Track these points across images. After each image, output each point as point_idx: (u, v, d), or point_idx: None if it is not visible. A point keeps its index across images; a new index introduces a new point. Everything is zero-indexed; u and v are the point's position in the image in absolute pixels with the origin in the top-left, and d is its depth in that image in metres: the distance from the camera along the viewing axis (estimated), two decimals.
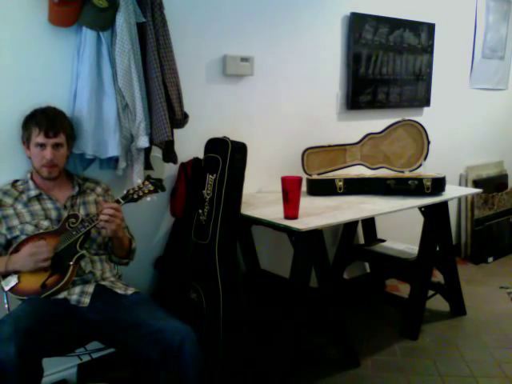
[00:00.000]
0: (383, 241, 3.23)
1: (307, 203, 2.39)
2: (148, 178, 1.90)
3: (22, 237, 1.79)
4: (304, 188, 2.51)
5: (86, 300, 1.76)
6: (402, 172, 2.82)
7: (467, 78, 3.88)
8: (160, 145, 2.14)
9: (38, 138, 1.79)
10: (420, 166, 2.83)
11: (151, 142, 2.12)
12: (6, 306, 1.86)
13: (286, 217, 2.15)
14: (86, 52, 1.96)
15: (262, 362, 2.35)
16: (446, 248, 2.92)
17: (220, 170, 2.22)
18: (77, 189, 1.94)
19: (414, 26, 3.32)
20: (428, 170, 2.81)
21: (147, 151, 2.16)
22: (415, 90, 3.43)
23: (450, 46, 3.65)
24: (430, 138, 2.82)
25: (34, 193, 1.86)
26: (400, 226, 3.29)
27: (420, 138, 2.82)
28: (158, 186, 1.88)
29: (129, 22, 2.00)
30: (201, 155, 2.37)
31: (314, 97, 2.94)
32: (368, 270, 3.44)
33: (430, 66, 3.47)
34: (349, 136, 2.93)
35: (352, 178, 2.71)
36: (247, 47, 2.59)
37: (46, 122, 1.79)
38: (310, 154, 2.77)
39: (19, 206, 1.84)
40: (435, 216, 2.75)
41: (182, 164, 2.40)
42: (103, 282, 1.86)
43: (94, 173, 2.13)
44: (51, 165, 1.82)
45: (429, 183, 2.58)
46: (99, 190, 2.02)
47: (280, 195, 2.17)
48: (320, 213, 2.26)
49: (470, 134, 3.99)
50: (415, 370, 2.41)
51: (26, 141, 1.83)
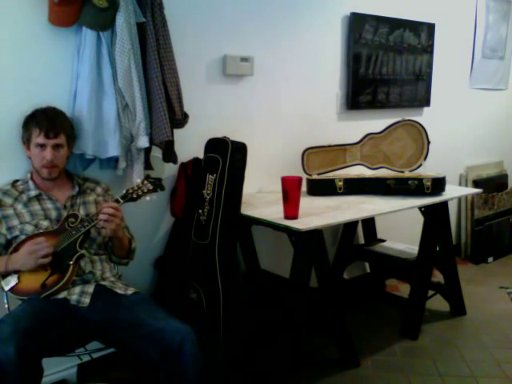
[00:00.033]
0: (383, 241, 3.23)
1: (307, 203, 2.39)
2: (147, 177, 1.90)
3: (22, 237, 1.79)
4: (304, 188, 2.51)
5: (86, 300, 1.76)
6: (402, 172, 2.82)
7: (467, 78, 3.88)
8: (160, 145, 2.15)
9: (38, 138, 1.79)
10: (420, 166, 2.83)
11: (151, 141, 2.12)
12: (6, 305, 1.86)
13: (286, 217, 2.15)
14: (85, 52, 1.96)
15: (261, 361, 2.35)
16: (446, 248, 2.92)
17: (220, 170, 2.22)
18: (77, 189, 1.94)
19: (414, 26, 3.32)
20: (428, 170, 2.80)
21: (147, 151, 2.16)
22: (415, 89, 3.42)
23: (450, 46, 3.65)
24: (430, 138, 2.82)
25: (33, 193, 1.86)
26: (400, 226, 3.29)
27: (420, 138, 2.82)
28: (157, 185, 1.88)
29: (129, 22, 2.00)
30: (201, 155, 2.37)
31: (313, 97, 2.94)
32: (368, 270, 3.44)
33: (430, 66, 3.47)
34: (349, 136, 2.93)
35: (352, 178, 2.71)
36: (247, 47, 2.59)
37: (47, 123, 1.79)
38: (309, 154, 2.77)
39: (19, 206, 1.83)
40: (435, 216, 2.75)
41: (182, 164, 2.40)
42: (103, 282, 1.86)
43: (94, 173, 2.13)
44: (51, 165, 1.82)
45: (429, 183, 2.58)
46: (99, 189, 2.02)
47: (280, 195, 2.17)
48: (320, 213, 2.26)
49: (469, 134, 3.99)
50: (415, 370, 2.41)
51: (27, 141, 1.83)
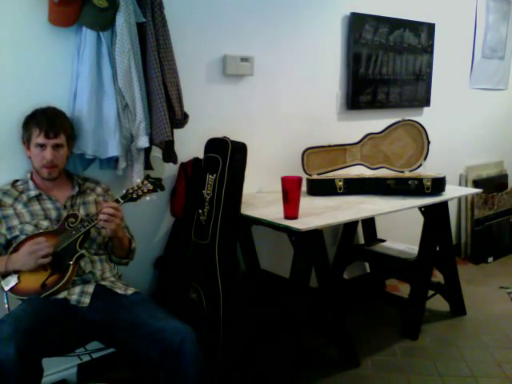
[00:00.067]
0: (383, 241, 3.23)
1: (307, 203, 2.39)
2: (147, 177, 1.90)
3: (22, 237, 1.79)
4: (304, 188, 2.51)
5: (86, 300, 1.76)
6: (402, 172, 2.82)
7: (467, 78, 3.88)
8: (160, 145, 2.14)
9: (38, 138, 1.79)
10: (420, 165, 2.83)
11: (151, 141, 2.12)
12: (6, 306, 1.86)
13: (286, 217, 2.15)
14: (85, 52, 1.96)
15: (262, 361, 2.35)
16: (446, 248, 2.92)
17: (220, 170, 2.22)
18: (77, 189, 1.94)
19: (414, 26, 3.32)
20: (428, 170, 2.80)
21: (147, 151, 2.16)
22: (415, 89, 3.42)
23: (450, 46, 3.65)
24: (430, 138, 2.82)
25: (33, 193, 1.86)
26: (400, 226, 3.29)
27: (420, 138, 2.82)
28: (157, 185, 1.88)
29: (129, 22, 2.00)
30: (201, 155, 2.37)
31: (314, 97, 2.94)
32: (368, 270, 3.44)
33: (430, 66, 3.47)
34: (349, 136, 2.93)
35: (352, 178, 2.71)
36: (247, 47, 2.59)
37: (47, 123, 1.79)
38: (310, 154, 2.77)
39: (19, 206, 1.83)
40: (435, 216, 2.75)
41: (182, 164, 2.40)
42: (103, 282, 1.86)
43: (94, 173, 2.13)
44: (51, 165, 1.82)
45: (429, 183, 2.58)
46: (99, 189, 2.02)
47: (280, 195, 2.17)
48: (320, 213, 2.26)
49: (469, 134, 3.99)
50: (415, 370, 2.41)
51: (27, 141, 1.83)
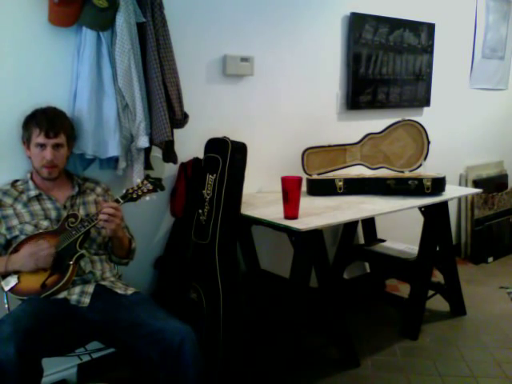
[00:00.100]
0: (383, 241, 3.22)
1: (307, 203, 2.39)
2: (147, 177, 1.90)
3: (22, 237, 1.79)
4: (304, 188, 2.51)
5: (86, 300, 1.76)
6: (402, 172, 2.82)
7: (467, 78, 3.88)
8: (160, 145, 2.14)
9: (38, 138, 1.79)
10: (420, 166, 2.83)
11: (151, 141, 2.12)
12: (6, 306, 1.86)
13: (286, 217, 2.15)
14: (85, 52, 1.96)
15: (262, 361, 2.35)
16: (446, 248, 2.92)
17: (220, 169, 2.22)
18: (76, 189, 1.94)
19: (414, 26, 3.32)
20: (428, 169, 2.80)
21: (147, 151, 2.16)
22: (415, 89, 3.42)
23: (450, 46, 3.65)
24: (430, 138, 2.82)
25: (33, 193, 1.86)
26: (400, 226, 3.29)
27: (420, 138, 2.82)
28: (157, 185, 1.88)
29: (129, 22, 2.00)
30: (201, 155, 2.37)
31: (313, 97, 2.94)
32: (368, 270, 3.43)
33: (430, 66, 3.47)
34: (349, 136, 2.93)
35: (352, 178, 2.71)
36: (247, 47, 2.59)
37: (47, 123, 1.79)
38: (310, 154, 2.77)
39: (19, 206, 1.83)
40: (435, 216, 2.75)
41: (182, 164, 2.40)
42: (103, 282, 1.86)
43: (94, 173, 2.13)
44: (51, 165, 1.82)
45: (429, 183, 2.58)
46: (99, 189, 2.02)
47: (280, 195, 2.17)
48: (320, 213, 2.26)
49: (469, 134, 3.99)
50: (415, 370, 2.41)
51: (27, 141, 1.83)
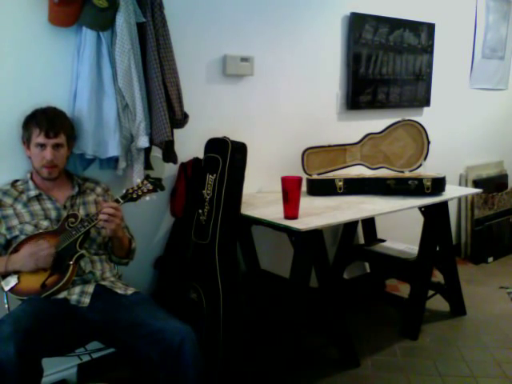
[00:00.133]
0: (383, 241, 3.22)
1: (307, 203, 2.39)
2: (147, 177, 1.90)
3: (22, 237, 1.79)
4: (304, 188, 2.51)
5: (86, 300, 1.76)
6: (402, 172, 2.82)
7: (467, 78, 3.88)
8: (160, 145, 2.14)
9: (38, 138, 1.79)
10: (420, 166, 2.83)
11: (151, 141, 2.12)
12: (6, 306, 1.86)
13: (286, 217, 2.15)
14: (85, 52, 1.96)
15: (262, 361, 2.35)
16: (446, 248, 2.92)
17: (220, 170, 2.22)
18: (76, 189, 1.94)
19: (414, 26, 3.32)
20: (428, 169, 2.80)
21: (147, 151, 2.16)
22: (415, 89, 3.42)
23: (450, 46, 3.65)
24: (430, 138, 2.82)
25: (33, 193, 1.86)
26: (400, 225, 3.29)
27: (420, 138, 2.82)
28: (157, 185, 1.88)
29: (129, 22, 2.00)
30: (201, 155, 2.37)
31: (313, 97, 2.94)
32: (368, 270, 3.43)
33: (430, 66, 3.47)
34: (349, 136, 2.93)
35: (352, 178, 2.71)
36: (247, 47, 2.59)
37: (47, 123, 1.79)
38: (310, 154, 2.77)
39: (19, 206, 1.83)
40: (435, 216, 2.75)
41: (182, 164, 2.40)
42: (103, 282, 1.86)
43: (93, 173, 2.13)
44: (51, 165, 1.82)
45: (429, 183, 2.58)
46: (99, 189, 2.02)
47: (280, 195, 2.17)
48: (320, 213, 2.26)
49: (469, 134, 3.99)
50: (415, 370, 2.41)
51: (27, 141, 1.83)
